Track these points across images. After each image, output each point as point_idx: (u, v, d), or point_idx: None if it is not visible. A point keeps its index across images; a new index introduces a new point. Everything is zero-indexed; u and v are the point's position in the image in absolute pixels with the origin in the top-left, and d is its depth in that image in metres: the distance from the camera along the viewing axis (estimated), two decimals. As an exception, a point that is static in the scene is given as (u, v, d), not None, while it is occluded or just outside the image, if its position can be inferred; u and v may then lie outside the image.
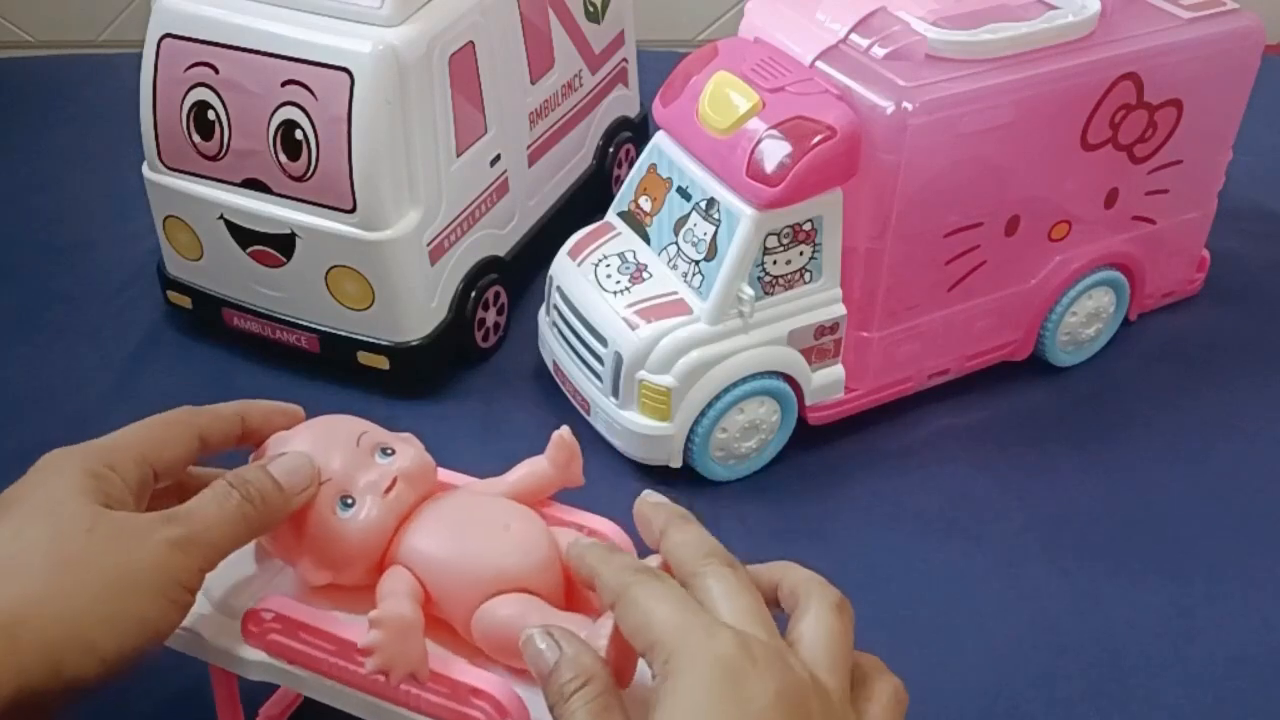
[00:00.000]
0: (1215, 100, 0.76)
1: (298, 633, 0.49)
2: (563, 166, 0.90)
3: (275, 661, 0.50)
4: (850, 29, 0.70)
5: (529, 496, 0.53)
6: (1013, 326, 0.78)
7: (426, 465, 0.52)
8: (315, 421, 0.53)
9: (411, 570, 0.49)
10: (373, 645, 0.45)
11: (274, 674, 0.50)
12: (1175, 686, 0.61)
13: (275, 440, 0.52)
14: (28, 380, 0.81)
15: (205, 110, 0.74)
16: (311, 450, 0.50)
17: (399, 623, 0.45)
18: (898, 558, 0.68)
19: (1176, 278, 0.85)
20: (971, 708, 0.60)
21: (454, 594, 0.48)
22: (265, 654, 0.50)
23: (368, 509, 0.49)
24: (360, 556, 0.49)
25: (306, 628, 0.48)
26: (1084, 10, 0.71)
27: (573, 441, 0.54)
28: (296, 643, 0.49)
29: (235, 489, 0.47)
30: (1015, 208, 0.73)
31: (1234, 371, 0.81)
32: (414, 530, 0.50)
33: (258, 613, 0.49)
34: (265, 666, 0.50)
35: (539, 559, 0.49)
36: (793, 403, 0.72)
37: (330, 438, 0.51)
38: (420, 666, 0.46)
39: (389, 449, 0.51)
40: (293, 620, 0.49)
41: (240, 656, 0.50)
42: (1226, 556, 0.68)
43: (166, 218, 0.79)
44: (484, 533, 0.49)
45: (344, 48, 0.70)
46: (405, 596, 0.47)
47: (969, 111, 0.67)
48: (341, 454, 0.50)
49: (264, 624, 0.49)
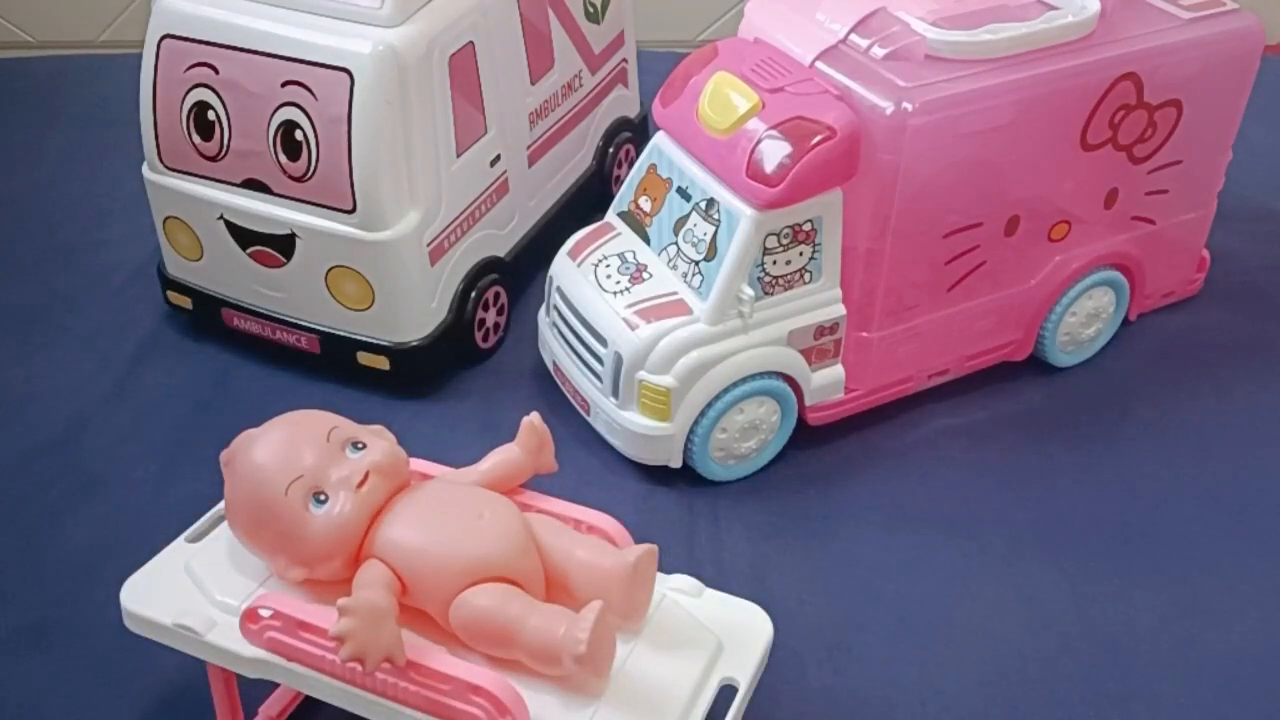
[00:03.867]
0: (1215, 100, 0.76)
1: (296, 630, 0.49)
2: (563, 167, 0.90)
3: (274, 659, 0.50)
4: (850, 29, 0.70)
5: (502, 484, 0.54)
6: (1012, 327, 0.78)
7: (398, 458, 0.52)
8: (285, 418, 0.52)
9: (387, 563, 0.49)
10: (343, 633, 0.45)
11: (272, 671, 0.50)
12: (1175, 686, 0.61)
13: (243, 438, 0.52)
14: (28, 380, 0.81)
15: (205, 111, 0.74)
16: (282, 447, 0.50)
17: (369, 609, 0.45)
18: (897, 558, 0.68)
19: (1176, 278, 0.85)
20: (971, 707, 0.60)
21: (430, 584, 0.49)
22: (264, 651, 0.50)
23: (341, 504, 0.49)
24: (335, 551, 0.50)
25: (305, 625, 0.48)
26: (1084, 10, 0.71)
27: (543, 427, 0.54)
28: (295, 640, 0.49)
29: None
30: (1015, 208, 0.73)
31: (1234, 371, 0.81)
32: (388, 523, 0.50)
33: (256, 610, 0.49)
34: (264, 664, 0.50)
35: (514, 546, 0.49)
36: (792, 403, 0.72)
37: (300, 434, 0.51)
38: (395, 652, 0.46)
39: (360, 443, 0.51)
40: (291, 618, 0.49)
41: (238, 654, 0.50)
42: (1226, 556, 0.68)
43: (167, 218, 0.79)
44: (458, 522, 0.49)
45: (344, 48, 0.70)
46: (380, 586, 0.48)
47: (969, 112, 0.67)
48: (312, 450, 0.50)
49: (262, 621, 0.49)
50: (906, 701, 0.60)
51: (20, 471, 0.74)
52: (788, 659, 0.61)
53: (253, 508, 0.50)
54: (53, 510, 0.71)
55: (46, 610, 0.65)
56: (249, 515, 0.51)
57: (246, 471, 0.50)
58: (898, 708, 0.60)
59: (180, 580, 0.53)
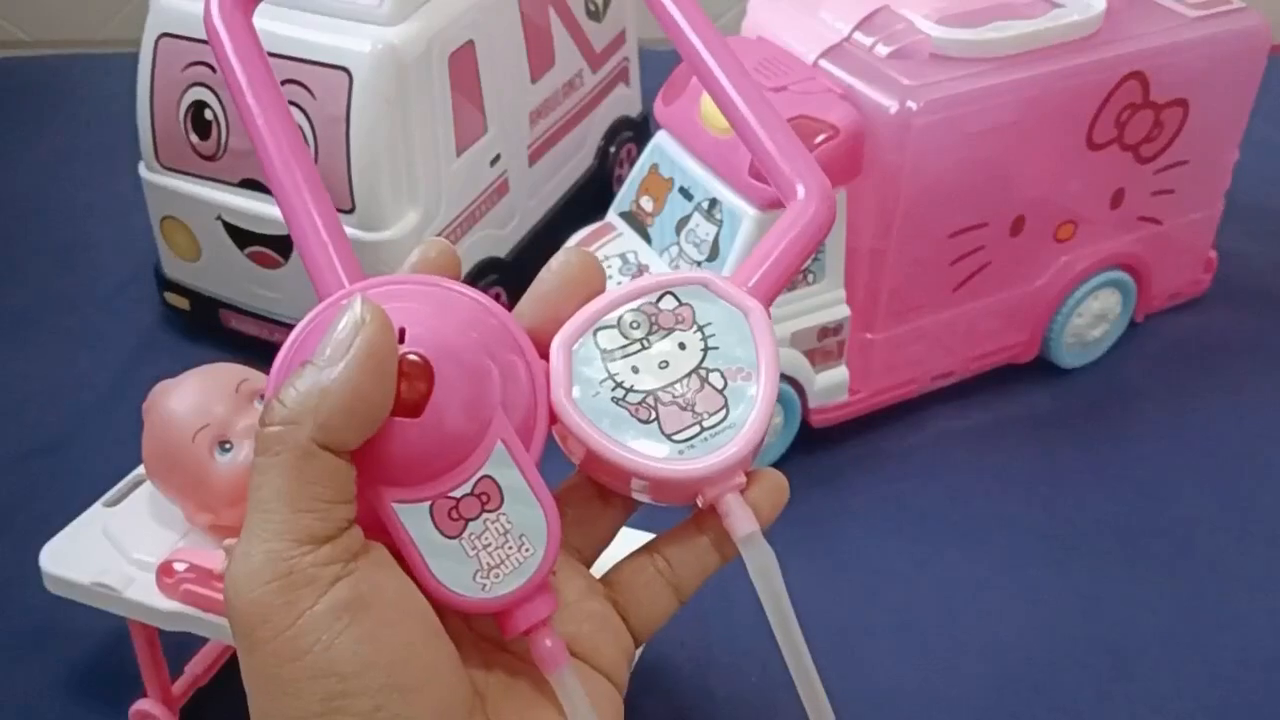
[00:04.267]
0: (1221, 100, 0.76)
1: (210, 581, 0.51)
2: (563, 166, 0.90)
3: (191, 611, 0.52)
4: (854, 27, 0.70)
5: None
6: (1018, 328, 0.77)
7: None
8: (199, 370, 0.55)
9: None
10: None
11: (191, 624, 0.52)
12: (1181, 689, 0.61)
13: (160, 387, 0.55)
14: (26, 381, 0.81)
15: (203, 110, 0.74)
16: (192, 397, 0.53)
17: None
18: (902, 560, 0.68)
19: (1183, 278, 0.84)
20: (976, 711, 0.60)
21: None
22: (180, 604, 0.52)
23: (245, 453, 0.52)
24: (238, 498, 0.51)
25: (219, 575, 0.50)
26: (1090, 9, 0.70)
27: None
28: (210, 590, 0.51)
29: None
30: (1020, 208, 0.72)
31: (1241, 372, 0.81)
32: None
33: (170, 564, 0.51)
34: (181, 617, 0.52)
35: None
36: (796, 405, 0.72)
37: (211, 385, 0.54)
38: None
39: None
40: (204, 569, 0.51)
41: (156, 608, 0.52)
42: (1232, 559, 0.68)
43: (164, 218, 0.79)
44: None
45: (343, 47, 0.69)
46: None
47: (974, 111, 0.66)
48: (222, 401, 0.53)
49: (177, 575, 0.51)
50: (911, 704, 0.60)
51: (17, 473, 0.74)
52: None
53: (163, 454, 0.54)
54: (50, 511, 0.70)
55: (45, 613, 0.64)
56: (160, 461, 0.54)
57: (159, 419, 0.54)
58: (902, 711, 0.60)
59: (99, 542, 0.55)
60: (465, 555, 0.32)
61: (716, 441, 0.35)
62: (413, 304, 0.33)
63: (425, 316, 0.33)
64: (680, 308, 0.37)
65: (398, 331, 0.32)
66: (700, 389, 0.36)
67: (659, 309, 0.37)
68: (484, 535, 0.33)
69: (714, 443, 0.35)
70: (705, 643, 0.62)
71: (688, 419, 0.35)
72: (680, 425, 0.35)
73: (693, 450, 0.35)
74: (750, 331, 0.36)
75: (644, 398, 0.35)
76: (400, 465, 0.32)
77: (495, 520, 0.33)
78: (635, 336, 0.36)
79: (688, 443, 0.35)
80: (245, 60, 0.35)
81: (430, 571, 0.32)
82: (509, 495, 0.33)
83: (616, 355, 0.36)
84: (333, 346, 0.31)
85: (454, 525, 0.33)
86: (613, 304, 0.36)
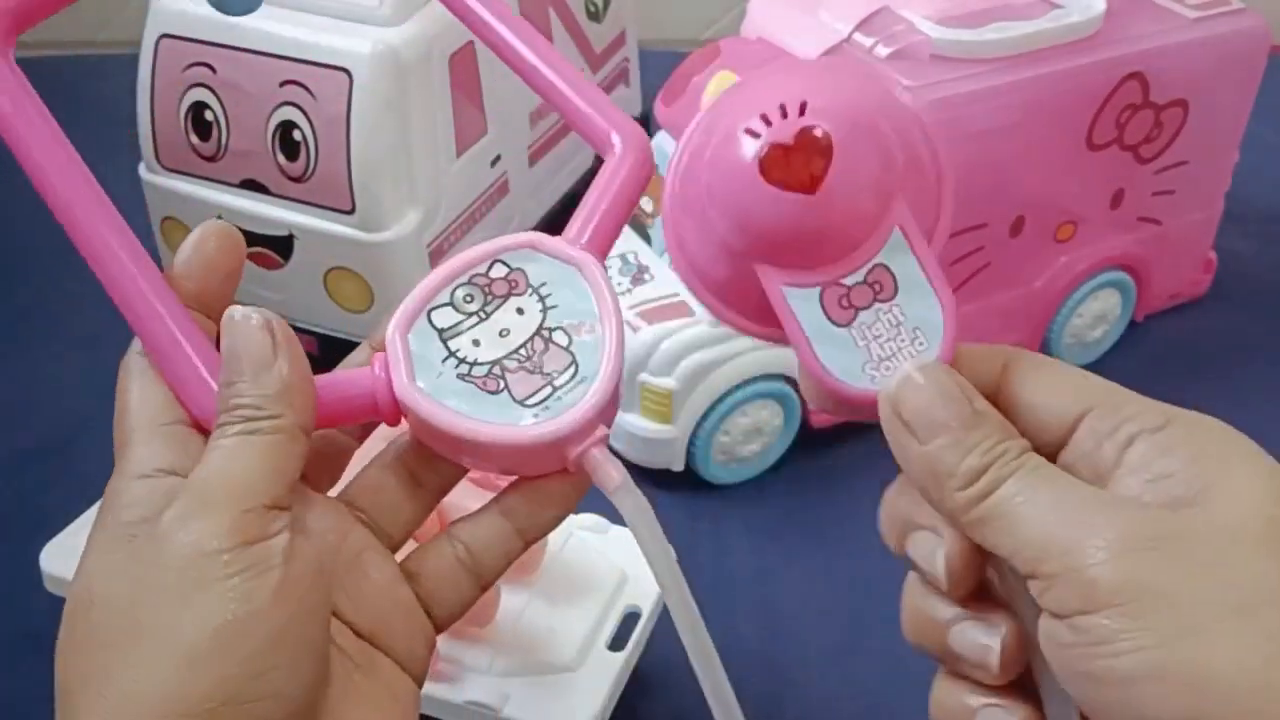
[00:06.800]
0: (1221, 100, 0.76)
1: None
2: (564, 167, 0.90)
3: None
4: (854, 28, 0.69)
5: None
6: (1017, 328, 0.77)
7: None
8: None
9: None
10: None
11: None
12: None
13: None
14: (25, 383, 0.81)
15: (203, 111, 0.73)
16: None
17: None
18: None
19: (1183, 279, 0.84)
20: (977, 714, 0.59)
21: None
22: None
23: None
24: None
25: None
26: (1089, 9, 0.70)
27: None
28: None
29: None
30: (1020, 208, 0.72)
31: (1241, 373, 0.81)
32: None
33: None
34: None
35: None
36: (796, 406, 0.72)
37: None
38: None
39: None
40: None
41: None
42: (1234, 560, 0.68)
43: (164, 219, 0.79)
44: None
45: (343, 47, 0.69)
46: None
47: (974, 111, 0.66)
48: None
49: None
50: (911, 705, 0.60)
51: (17, 473, 0.74)
52: (791, 662, 0.61)
53: None
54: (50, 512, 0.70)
55: (45, 613, 0.64)
56: None
57: None
58: (902, 712, 0.59)
59: None
60: (855, 345, 0.32)
61: (571, 398, 0.35)
62: (825, 80, 0.32)
63: (833, 91, 0.31)
64: (512, 273, 0.36)
65: (799, 105, 0.31)
66: (546, 349, 0.35)
67: (490, 278, 0.36)
68: (874, 326, 0.32)
69: (569, 399, 0.35)
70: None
71: (538, 381, 0.35)
72: (531, 389, 0.35)
73: (547, 411, 0.34)
74: (586, 285, 0.36)
75: (489, 369, 0.35)
76: (790, 246, 0.31)
77: (888, 311, 0.32)
78: (470, 310, 0.36)
79: (542, 404, 0.35)
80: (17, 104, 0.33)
81: (818, 358, 0.31)
82: (904, 286, 0.32)
83: (454, 332, 0.35)
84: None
85: (844, 314, 0.32)
86: (443, 282, 0.36)
